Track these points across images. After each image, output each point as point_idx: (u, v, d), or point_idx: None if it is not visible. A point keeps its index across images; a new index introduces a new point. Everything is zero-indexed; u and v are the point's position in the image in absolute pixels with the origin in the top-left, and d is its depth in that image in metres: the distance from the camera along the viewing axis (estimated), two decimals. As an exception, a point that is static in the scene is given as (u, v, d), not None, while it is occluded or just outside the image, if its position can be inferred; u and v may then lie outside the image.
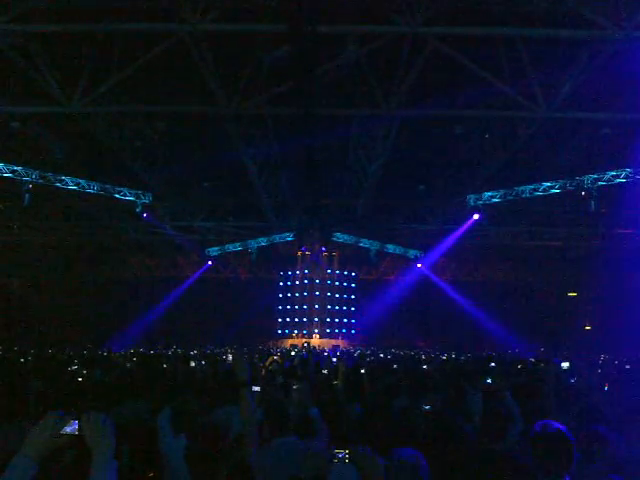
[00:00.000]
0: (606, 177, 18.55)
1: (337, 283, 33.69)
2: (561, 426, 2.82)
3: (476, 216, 21.47)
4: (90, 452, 1.96)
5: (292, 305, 33.74)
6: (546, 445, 2.76)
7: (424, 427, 4.01)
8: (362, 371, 6.81)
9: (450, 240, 26.39)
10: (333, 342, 32.22)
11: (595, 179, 18.68)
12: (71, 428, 1.99)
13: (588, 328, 32.59)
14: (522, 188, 20.25)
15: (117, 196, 21.17)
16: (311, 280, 33.48)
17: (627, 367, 12.28)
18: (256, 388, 4.51)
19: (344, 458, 2.99)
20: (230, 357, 15.92)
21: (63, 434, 1.98)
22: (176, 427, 3.52)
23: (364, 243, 29.90)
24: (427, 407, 4.75)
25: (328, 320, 33.44)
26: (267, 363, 9.56)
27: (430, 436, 3.39)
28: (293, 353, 17.06)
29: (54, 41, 12.32)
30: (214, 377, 7.25)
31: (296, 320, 33.55)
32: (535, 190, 20.08)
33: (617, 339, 24.38)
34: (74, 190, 19.98)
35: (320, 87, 12.80)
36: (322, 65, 12.48)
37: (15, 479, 1.87)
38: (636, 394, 5.62)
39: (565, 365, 7.33)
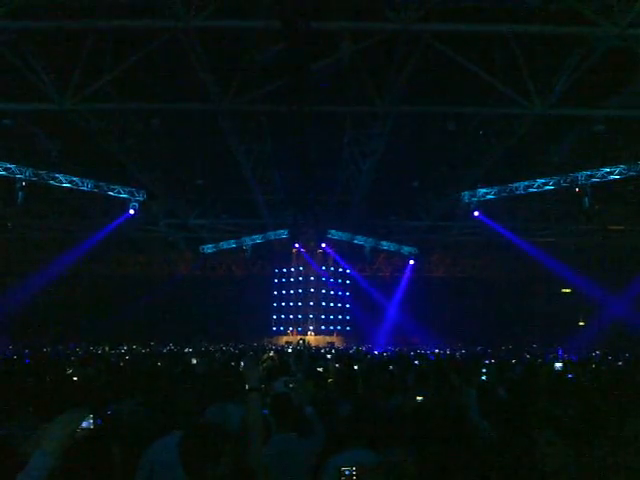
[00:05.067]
0: (600, 174, 18.60)
1: (332, 280, 33.71)
2: None
3: (476, 213, 21.55)
4: (105, 447, 1.99)
5: (287, 302, 33.75)
6: None
7: (416, 423, 4.02)
8: (355, 367, 6.81)
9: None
10: (328, 339, 32.29)
11: (589, 175, 18.74)
12: (86, 423, 2.04)
13: (582, 324, 32.74)
14: (516, 185, 20.29)
15: (111, 194, 21.06)
16: (306, 277, 33.50)
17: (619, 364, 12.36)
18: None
19: (351, 476, 2.83)
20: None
21: (80, 429, 2.02)
22: (171, 425, 3.51)
23: (359, 240, 29.90)
24: (419, 398, 4.76)
25: (323, 317, 33.47)
26: (262, 360, 9.52)
27: (422, 432, 3.40)
28: (290, 350, 17.08)
29: (46, 38, 12.25)
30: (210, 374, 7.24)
31: (291, 317, 33.56)
32: (529, 187, 20.13)
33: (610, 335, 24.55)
34: (68, 188, 19.90)
35: (314, 84, 12.76)
36: (316, 62, 12.45)
37: (35, 475, 1.90)
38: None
39: (558, 365, 7.36)
